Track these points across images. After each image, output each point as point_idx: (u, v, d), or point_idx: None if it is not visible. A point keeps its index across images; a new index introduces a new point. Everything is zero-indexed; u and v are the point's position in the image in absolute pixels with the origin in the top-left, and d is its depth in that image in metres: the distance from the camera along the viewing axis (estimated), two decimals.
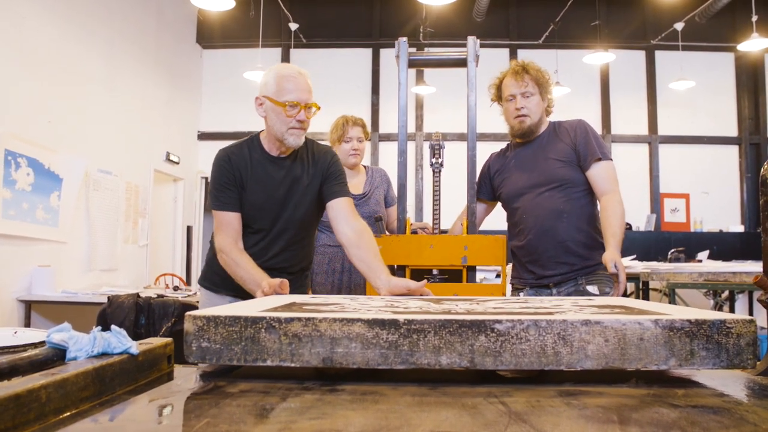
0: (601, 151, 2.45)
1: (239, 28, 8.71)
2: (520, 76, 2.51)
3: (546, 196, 2.48)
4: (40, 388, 0.73)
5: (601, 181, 2.42)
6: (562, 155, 2.49)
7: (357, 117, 3.32)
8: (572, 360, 0.88)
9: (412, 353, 0.88)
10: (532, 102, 2.51)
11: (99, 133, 6.14)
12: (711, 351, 0.89)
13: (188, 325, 0.93)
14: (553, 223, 2.45)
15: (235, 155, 2.18)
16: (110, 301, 2.88)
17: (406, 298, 1.53)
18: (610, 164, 2.46)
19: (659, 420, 0.73)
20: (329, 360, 0.89)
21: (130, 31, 6.85)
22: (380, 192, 3.32)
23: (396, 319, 0.89)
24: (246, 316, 0.92)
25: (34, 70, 5.15)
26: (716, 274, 4.33)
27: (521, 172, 2.58)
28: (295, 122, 2.08)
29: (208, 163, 2.27)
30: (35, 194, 5.04)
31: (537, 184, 2.51)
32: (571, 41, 8.58)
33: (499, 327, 0.88)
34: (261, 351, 0.91)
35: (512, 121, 2.57)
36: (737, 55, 8.68)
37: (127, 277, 6.68)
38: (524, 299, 1.50)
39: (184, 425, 0.71)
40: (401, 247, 2.42)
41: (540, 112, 2.55)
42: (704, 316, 0.91)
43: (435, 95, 8.61)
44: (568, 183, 2.47)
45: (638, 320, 0.89)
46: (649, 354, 0.88)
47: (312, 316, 0.91)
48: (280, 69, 2.11)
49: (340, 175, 2.24)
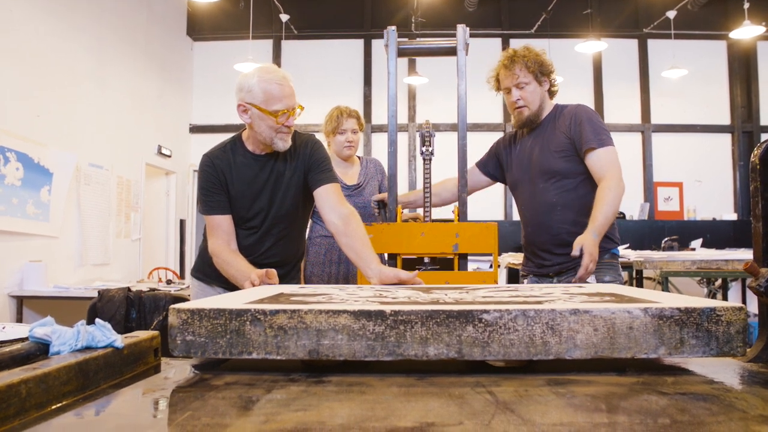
0: (598, 138, 2.37)
1: (229, 20, 8.66)
2: (509, 69, 2.45)
3: (540, 189, 2.46)
4: (20, 383, 0.72)
5: (596, 169, 2.36)
6: (558, 146, 2.45)
7: (351, 108, 3.29)
8: (561, 350, 0.87)
9: (399, 344, 0.88)
10: (527, 92, 2.45)
11: (89, 127, 6.10)
12: (701, 339, 0.88)
13: (172, 318, 0.92)
14: (546, 216, 2.44)
15: (218, 159, 2.19)
16: (101, 295, 2.87)
17: (395, 288, 1.52)
18: (608, 150, 2.36)
19: (648, 408, 0.73)
20: (315, 352, 0.88)
21: (119, 24, 6.79)
22: (374, 182, 3.31)
23: (382, 310, 0.88)
24: (231, 308, 0.90)
25: (22, 64, 5.10)
26: (709, 262, 4.34)
27: (520, 163, 2.56)
28: (283, 128, 2.09)
29: (200, 155, 2.26)
30: (25, 189, 5.00)
31: (532, 177, 2.49)
32: (564, 30, 8.56)
33: (487, 317, 0.88)
34: (246, 344, 0.89)
35: (512, 113, 2.54)
36: (729, 42, 8.68)
37: (119, 272, 6.66)
38: (515, 287, 1.50)
39: (164, 419, 0.70)
40: (392, 236, 2.42)
41: (539, 100, 2.48)
42: (694, 303, 0.91)
43: (427, 86, 8.60)
44: (562, 174, 2.43)
45: (627, 309, 0.88)
46: (639, 343, 0.88)
47: (297, 307, 0.90)
48: (263, 75, 2.07)
49: (323, 161, 2.22)
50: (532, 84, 2.45)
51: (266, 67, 2.12)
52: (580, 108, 2.49)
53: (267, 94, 2.04)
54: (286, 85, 2.07)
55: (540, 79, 2.46)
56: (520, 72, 2.43)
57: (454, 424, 0.66)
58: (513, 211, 8.65)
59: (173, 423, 0.68)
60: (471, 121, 6.83)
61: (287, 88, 2.06)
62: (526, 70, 2.43)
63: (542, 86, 2.48)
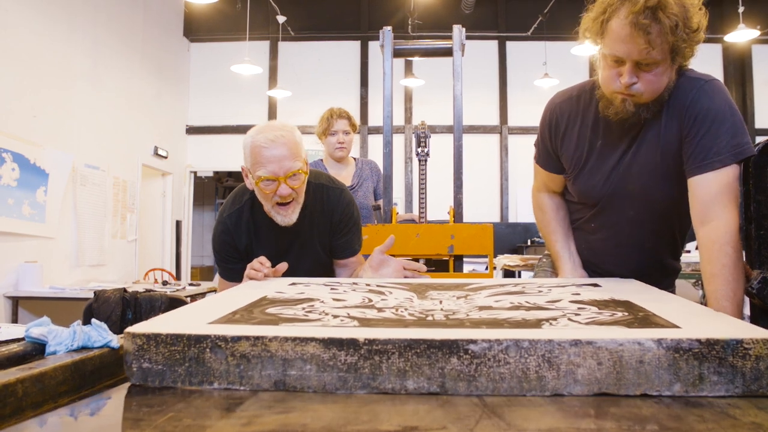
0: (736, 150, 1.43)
1: (226, 21, 8.66)
2: (641, 30, 1.35)
3: (631, 217, 1.65)
4: (17, 382, 0.73)
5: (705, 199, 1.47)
6: (670, 154, 1.53)
7: (343, 109, 3.30)
8: (559, 385, 0.78)
9: (374, 377, 0.79)
10: (651, 75, 1.42)
11: (86, 128, 6.09)
12: (724, 376, 0.77)
13: (127, 343, 0.84)
14: (634, 251, 1.71)
15: (234, 226, 1.89)
16: (96, 296, 2.87)
17: (392, 286, 1.44)
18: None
19: (637, 414, 0.71)
20: (282, 383, 0.80)
21: (116, 25, 6.78)
22: (369, 184, 3.31)
23: (355, 338, 0.80)
24: (189, 334, 0.83)
25: (17, 64, 5.09)
26: None
27: (602, 168, 1.62)
28: (277, 198, 1.74)
29: (197, 157, 2.24)
30: (21, 190, 4.99)
31: (621, 198, 1.63)
32: (560, 33, 8.57)
33: (474, 348, 0.78)
34: (206, 373, 0.82)
35: (610, 94, 1.50)
36: (724, 46, 8.72)
37: (115, 273, 6.65)
38: (521, 286, 1.37)
39: (145, 420, 0.69)
40: (387, 236, 2.42)
41: (661, 89, 1.46)
42: (717, 333, 0.79)
43: (424, 88, 8.60)
44: (671, 200, 1.60)
45: (638, 339, 0.78)
46: (650, 379, 0.77)
47: (262, 334, 0.82)
48: (255, 134, 1.74)
49: (352, 227, 1.97)
50: (665, 64, 1.43)
51: (268, 123, 1.82)
52: (717, 99, 1.47)
53: (253, 155, 1.73)
54: (277, 147, 1.70)
55: (677, 56, 1.43)
56: (658, 40, 1.36)
57: (438, 428, 0.66)
58: (509, 213, 8.67)
59: (153, 424, 0.68)
60: (467, 123, 6.82)
61: (277, 151, 1.69)
62: (664, 40, 1.37)
63: (675, 63, 1.46)
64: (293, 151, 1.72)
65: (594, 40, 1.50)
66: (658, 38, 1.36)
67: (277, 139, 1.70)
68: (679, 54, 1.42)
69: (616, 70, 1.45)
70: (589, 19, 1.49)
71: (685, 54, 1.44)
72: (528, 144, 8.40)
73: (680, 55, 1.43)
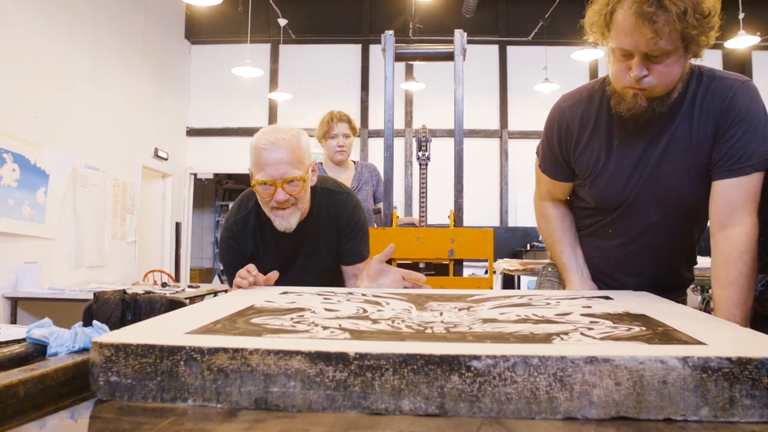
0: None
1: (228, 24, 8.68)
2: (647, 20, 1.28)
3: (656, 222, 1.58)
4: (18, 383, 0.73)
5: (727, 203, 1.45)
6: (700, 155, 1.47)
7: (343, 113, 3.30)
8: (572, 408, 0.70)
9: (365, 395, 0.71)
10: (662, 66, 1.35)
11: (86, 129, 6.10)
12: (758, 399, 0.69)
13: (94, 354, 0.77)
14: (657, 257, 1.65)
15: (241, 232, 1.86)
16: (96, 297, 2.86)
17: (390, 297, 1.36)
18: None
19: (646, 427, 0.68)
20: (263, 401, 0.73)
21: (117, 27, 6.79)
22: (368, 187, 3.31)
23: (344, 352, 0.72)
24: (162, 344, 0.76)
25: (19, 65, 5.10)
26: (703, 270, 4.35)
27: (621, 169, 1.54)
28: (274, 203, 1.71)
29: (197, 159, 2.24)
30: (21, 190, 4.99)
31: (646, 201, 1.55)
32: (560, 37, 8.58)
33: (477, 365, 0.70)
34: (180, 388, 0.75)
35: (620, 89, 1.43)
36: (725, 52, 8.73)
37: (115, 274, 6.64)
38: (528, 298, 1.29)
39: (148, 423, 0.68)
40: (388, 240, 2.41)
41: (674, 81, 1.40)
42: (749, 352, 0.71)
43: (424, 91, 8.61)
44: (695, 205, 1.56)
45: (661, 357, 0.70)
46: (674, 402, 0.69)
47: (241, 346, 0.75)
48: (259, 135, 1.72)
49: (358, 233, 1.94)
50: (677, 54, 1.35)
51: (275, 125, 1.78)
52: (747, 97, 1.44)
53: (254, 156, 1.70)
54: (277, 150, 1.66)
55: (691, 46, 1.35)
56: (666, 30, 1.28)
57: None
58: (508, 217, 8.67)
59: (155, 428, 0.66)
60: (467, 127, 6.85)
61: (277, 155, 1.66)
62: (672, 28, 1.29)
63: (688, 54, 1.38)
64: (294, 155, 1.68)
65: (601, 34, 1.43)
66: (665, 27, 1.28)
67: (277, 142, 1.66)
68: (692, 42, 1.32)
69: (625, 64, 1.38)
70: (593, 12, 1.42)
71: (699, 42, 1.34)
72: (528, 148, 8.41)
73: (694, 43, 1.33)
